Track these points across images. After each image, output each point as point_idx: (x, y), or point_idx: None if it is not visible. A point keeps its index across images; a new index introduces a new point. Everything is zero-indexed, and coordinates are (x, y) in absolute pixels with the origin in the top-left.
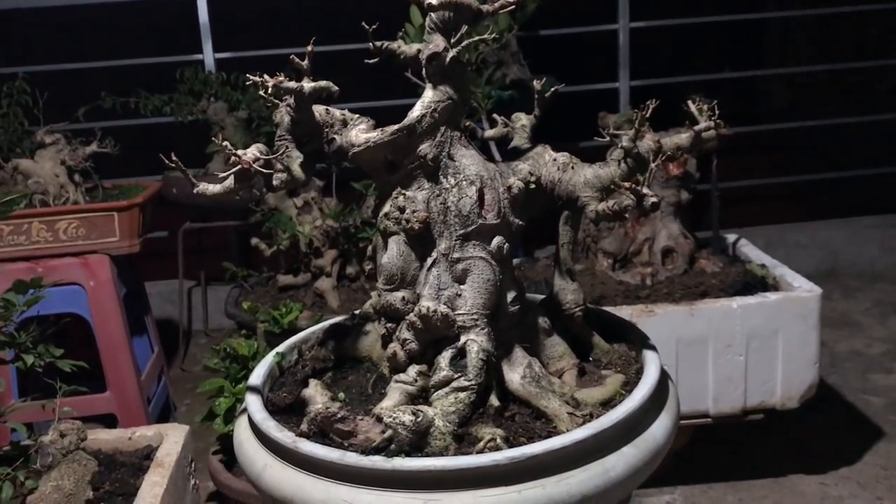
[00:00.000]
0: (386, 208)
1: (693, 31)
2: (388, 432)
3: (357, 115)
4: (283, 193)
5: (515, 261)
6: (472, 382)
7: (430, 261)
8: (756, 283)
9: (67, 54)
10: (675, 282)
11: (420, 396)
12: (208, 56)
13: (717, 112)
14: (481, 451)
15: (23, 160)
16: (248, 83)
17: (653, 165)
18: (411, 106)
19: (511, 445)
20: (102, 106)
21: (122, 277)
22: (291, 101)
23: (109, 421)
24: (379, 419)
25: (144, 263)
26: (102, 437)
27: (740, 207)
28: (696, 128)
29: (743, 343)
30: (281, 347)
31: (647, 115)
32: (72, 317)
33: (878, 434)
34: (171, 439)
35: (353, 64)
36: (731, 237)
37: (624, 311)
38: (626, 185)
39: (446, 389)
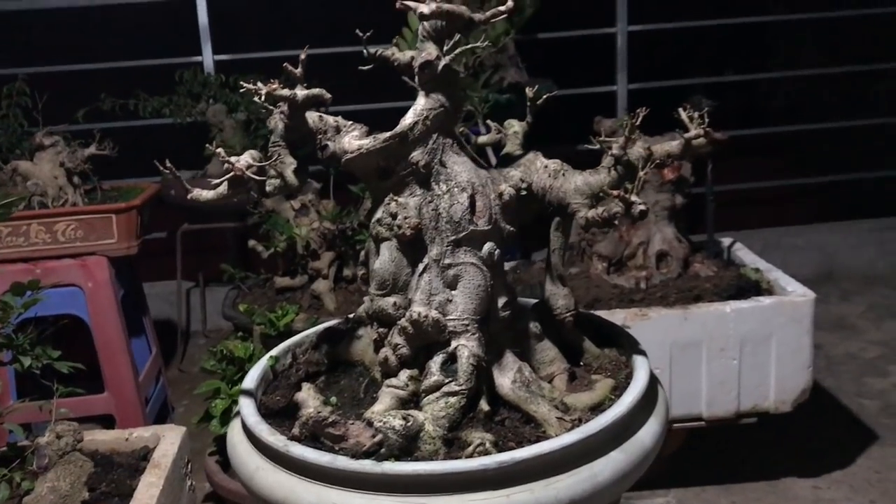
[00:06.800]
0: (378, 214)
1: (693, 34)
2: (379, 437)
3: (350, 122)
4: (281, 196)
5: (512, 263)
6: (463, 387)
7: (421, 266)
8: (750, 287)
9: (67, 56)
10: (670, 285)
11: (411, 401)
12: (207, 58)
13: (706, 120)
14: (470, 456)
15: (22, 162)
16: (241, 90)
17: (642, 173)
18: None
19: (500, 450)
20: (101, 107)
21: (120, 278)
22: (285, 107)
23: (107, 421)
24: (369, 424)
25: (143, 264)
26: (100, 437)
27: (737, 210)
28: (687, 136)
29: (736, 347)
30: (275, 351)
31: (638, 123)
32: (70, 318)
33: (872, 437)
34: (168, 440)
35: (355, 65)
36: (725, 241)
37: (618, 315)
38: (615, 192)
39: (437, 394)
